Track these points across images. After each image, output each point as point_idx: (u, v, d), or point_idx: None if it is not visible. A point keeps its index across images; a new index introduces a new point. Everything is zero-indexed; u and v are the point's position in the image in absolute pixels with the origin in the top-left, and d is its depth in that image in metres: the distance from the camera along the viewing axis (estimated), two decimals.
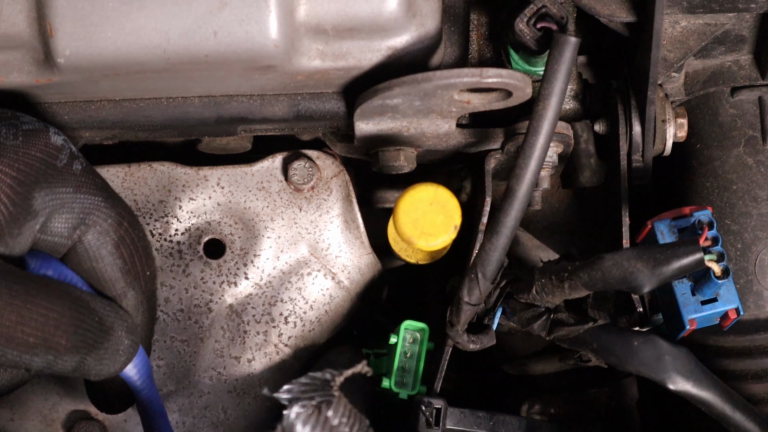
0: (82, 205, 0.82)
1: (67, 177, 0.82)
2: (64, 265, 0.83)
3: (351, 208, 1.07)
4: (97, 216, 0.83)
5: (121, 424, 1.03)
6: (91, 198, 0.83)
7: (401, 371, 0.99)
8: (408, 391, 0.99)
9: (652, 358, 0.92)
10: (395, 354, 0.98)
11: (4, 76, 0.94)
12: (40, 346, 0.77)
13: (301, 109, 1.01)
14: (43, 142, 0.82)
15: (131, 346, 0.83)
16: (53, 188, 0.81)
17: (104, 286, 0.84)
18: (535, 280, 0.93)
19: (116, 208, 0.84)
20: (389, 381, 0.98)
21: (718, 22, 1.02)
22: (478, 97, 0.97)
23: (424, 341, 0.99)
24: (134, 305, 0.86)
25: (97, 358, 0.81)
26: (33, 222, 0.80)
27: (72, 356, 0.79)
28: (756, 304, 1.01)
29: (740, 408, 0.93)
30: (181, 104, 1.00)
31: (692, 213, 0.94)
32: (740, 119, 1.05)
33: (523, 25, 0.96)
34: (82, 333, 0.79)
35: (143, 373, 0.87)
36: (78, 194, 0.82)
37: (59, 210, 0.81)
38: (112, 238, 0.84)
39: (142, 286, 0.86)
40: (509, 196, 0.89)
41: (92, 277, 0.84)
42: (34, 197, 0.80)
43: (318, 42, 0.94)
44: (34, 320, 0.76)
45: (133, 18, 0.90)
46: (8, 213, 0.78)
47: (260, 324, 1.05)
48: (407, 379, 0.99)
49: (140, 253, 0.86)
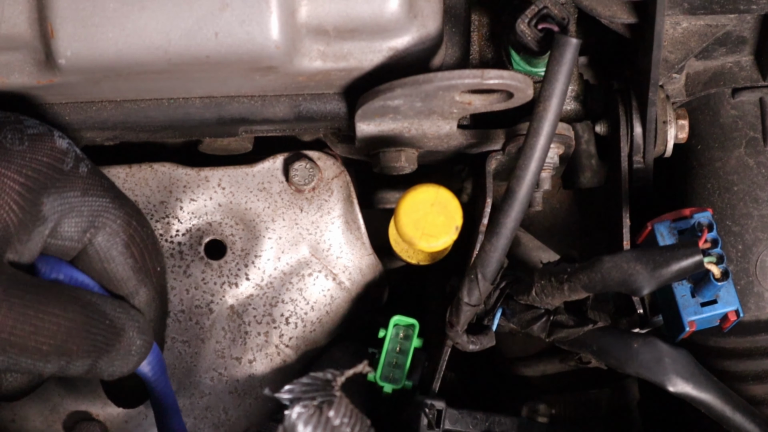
0: (91, 207, 0.83)
1: (75, 180, 0.82)
2: (74, 267, 0.84)
3: (352, 209, 1.07)
4: (105, 217, 0.83)
5: (121, 425, 1.03)
6: (99, 200, 0.83)
7: (389, 366, 0.99)
8: (394, 386, 0.99)
9: (652, 360, 0.92)
10: (383, 348, 0.98)
11: (5, 77, 0.94)
12: (53, 354, 0.77)
13: (302, 110, 1.01)
14: (48, 146, 0.82)
15: (143, 346, 0.84)
16: (61, 193, 0.81)
17: (116, 286, 0.84)
18: (534, 281, 0.93)
19: (124, 207, 0.85)
20: (374, 375, 0.98)
21: (719, 24, 1.02)
22: (479, 98, 0.97)
23: (414, 337, 0.99)
24: (147, 302, 0.86)
25: (109, 360, 0.81)
26: (42, 228, 0.80)
27: (84, 360, 0.79)
28: (757, 305, 1.01)
29: (740, 409, 0.93)
30: (182, 105, 1.00)
31: (692, 215, 0.94)
32: (741, 120, 1.05)
33: (524, 26, 0.96)
34: (94, 337, 0.79)
35: (156, 369, 0.87)
36: (86, 197, 0.83)
37: (69, 214, 0.81)
38: (122, 239, 0.84)
39: (154, 282, 0.86)
40: (509, 197, 0.89)
41: (104, 278, 0.84)
42: (43, 203, 0.80)
43: (319, 43, 0.94)
44: (47, 329, 0.76)
45: (134, 19, 0.90)
46: (18, 220, 0.78)
47: (261, 325, 1.06)
48: (395, 374, 0.99)
49: (150, 249, 0.86)
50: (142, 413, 1.03)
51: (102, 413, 1.03)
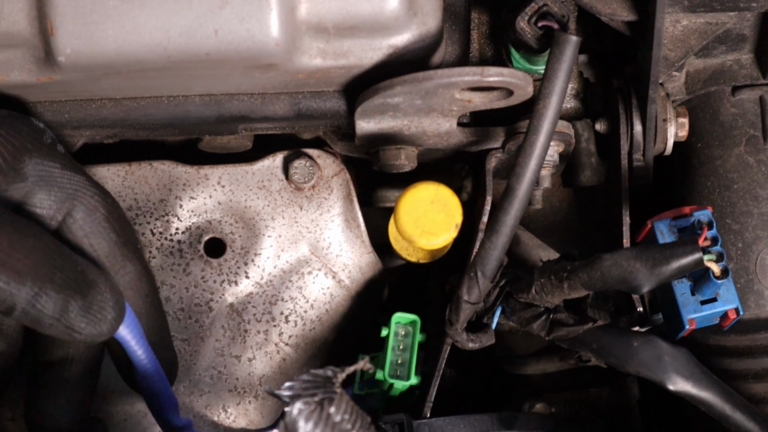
0: (70, 181, 0.83)
1: (54, 154, 0.83)
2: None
3: (352, 207, 1.07)
4: (83, 193, 0.83)
5: (121, 423, 1.03)
6: (76, 176, 0.84)
7: (394, 365, 0.99)
8: (403, 382, 0.98)
9: (652, 358, 0.92)
10: (387, 348, 0.98)
11: (5, 74, 0.94)
12: (28, 275, 0.75)
13: (302, 108, 1.01)
14: (28, 122, 0.84)
15: (117, 305, 0.81)
16: (43, 160, 0.82)
17: (102, 262, 0.84)
18: (534, 279, 0.93)
19: (99, 187, 0.85)
20: (383, 372, 0.98)
21: (719, 21, 1.02)
22: (479, 95, 0.97)
23: (416, 333, 0.99)
24: (137, 276, 0.85)
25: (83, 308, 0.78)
26: (22, 185, 0.81)
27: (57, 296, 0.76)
28: (757, 303, 1.01)
29: (740, 408, 0.93)
30: (182, 103, 1.00)
31: (692, 213, 0.94)
32: (741, 118, 1.05)
33: (524, 23, 0.97)
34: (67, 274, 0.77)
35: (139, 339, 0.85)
36: (65, 171, 0.83)
37: (48, 184, 0.82)
38: (102, 213, 0.84)
39: (140, 258, 0.86)
40: (509, 195, 0.89)
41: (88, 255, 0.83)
42: (25, 162, 0.81)
43: (319, 40, 0.94)
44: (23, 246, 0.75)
45: (133, 16, 0.90)
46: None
47: (261, 323, 1.05)
48: (401, 371, 0.99)
49: (128, 228, 0.86)
50: (141, 412, 1.03)
51: (101, 412, 1.03)
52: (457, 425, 0.98)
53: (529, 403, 1.14)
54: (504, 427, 0.98)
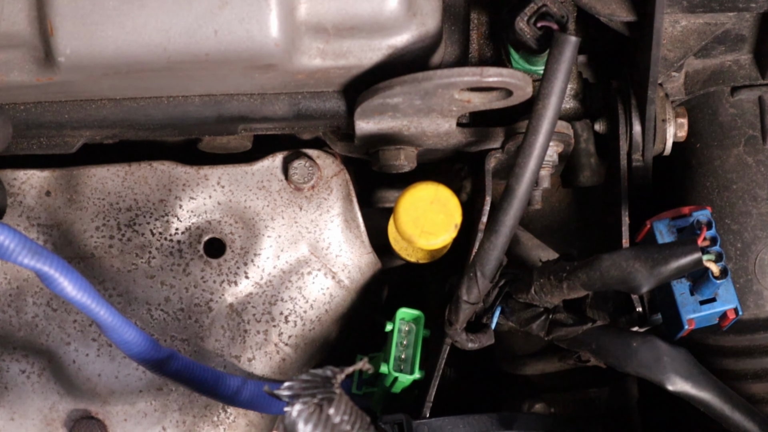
0: None
1: None
2: None
3: (351, 207, 1.07)
4: None
5: (121, 423, 1.03)
6: None
7: (398, 360, 0.99)
8: (407, 376, 0.98)
9: (651, 359, 0.92)
10: (391, 344, 0.98)
11: (5, 74, 0.94)
12: None
13: (301, 108, 1.01)
14: None
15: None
16: None
17: None
18: (533, 280, 0.93)
19: None
20: (388, 366, 0.98)
21: (718, 22, 1.02)
22: (478, 96, 0.97)
23: (420, 329, 0.99)
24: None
25: None
26: None
27: None
28: (756, 303, 1.01)
29: (739, 408, 0.93)
30: (182, 103, 1.01)
31: (691, 213, 0.94)
32: (740, 119, 1.05)
33: (523, 24, 0.97)
34: None
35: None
36: None
37: None
38: None
39: None
40: (508, 195, 0.89)
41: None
42: None
43: (318, 41, 0.94)
44: None
45: (133, 17, 0.90)
46: None
47: (260, 323, 1.06)
48: (404, 366, 0.99)
49: None
50: (141, 412, 1.03)
51: (101, 412, 1.03)
52: (456, 425, 0.98)
53: (528, 404, 1.14)
54: (503, 427, 0.98)
